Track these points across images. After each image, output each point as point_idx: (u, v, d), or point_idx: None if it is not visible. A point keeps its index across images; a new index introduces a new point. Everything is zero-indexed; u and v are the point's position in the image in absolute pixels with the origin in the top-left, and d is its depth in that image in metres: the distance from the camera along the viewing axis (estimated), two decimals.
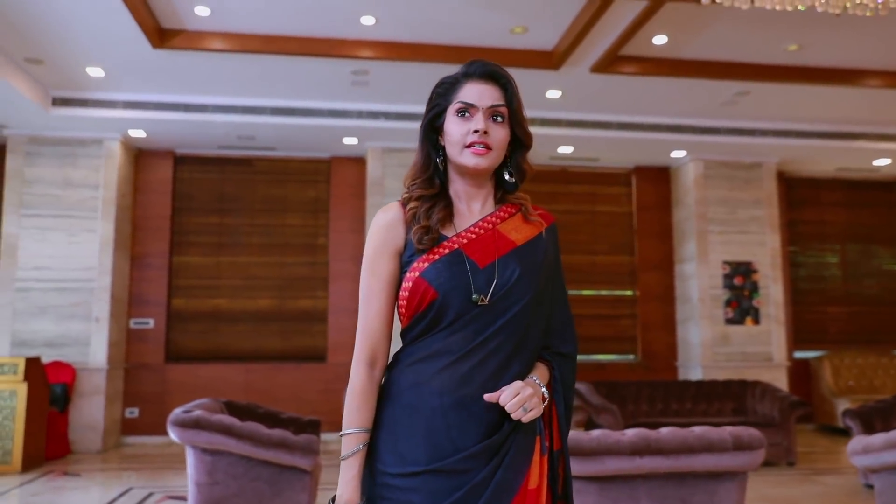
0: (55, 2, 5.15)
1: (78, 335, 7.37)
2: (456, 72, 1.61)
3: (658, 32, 5.84)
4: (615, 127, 7.76)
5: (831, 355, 8.95)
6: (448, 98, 1.58)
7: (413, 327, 1.54)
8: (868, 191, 9.59)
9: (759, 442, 3.13)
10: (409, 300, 1.52)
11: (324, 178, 8.54)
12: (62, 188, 7.51)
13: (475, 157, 1.53)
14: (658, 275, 8.98)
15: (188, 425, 3.93)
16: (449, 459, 1.45)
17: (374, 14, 5.56)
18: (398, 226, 1.57)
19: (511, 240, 1.56)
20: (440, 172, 1.61)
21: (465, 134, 1.53)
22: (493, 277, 1.50)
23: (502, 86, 1.58)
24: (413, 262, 1.53)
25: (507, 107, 1.57)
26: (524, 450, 1.50)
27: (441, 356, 1.49)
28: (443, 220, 1.56)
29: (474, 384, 1.47)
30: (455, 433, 1.46)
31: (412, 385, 1.50)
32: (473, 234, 1.55)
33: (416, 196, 1.58)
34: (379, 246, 1.56)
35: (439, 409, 1.47)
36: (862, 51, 6.27)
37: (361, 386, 1.53)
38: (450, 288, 1.48)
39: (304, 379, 8.16)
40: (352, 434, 1.52)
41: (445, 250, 1.52)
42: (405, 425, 1.49)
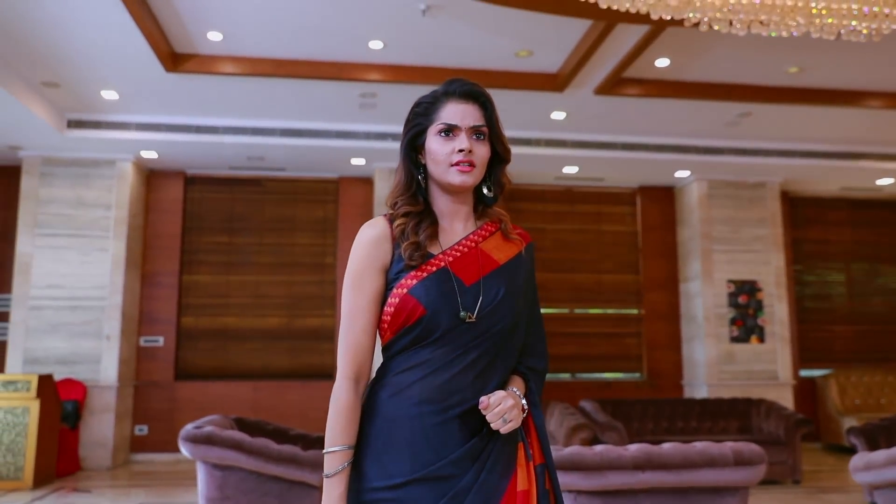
0: (73, 27, 5.31)
1: (89, 353, 7.47)
2: (435, 91, 1.64)
3: (660, 55, 5.95)
4: (619, 147, 7.86)
5: (837, 374, 8.96)
6: (429, 118, 1.60)
7: (396, 342, 1.56)
8: (872, 210, 9.65)
9: (760, 457, 3.18)
10: (394, 315, 1.54)
11: (332, 198, 8.66)
12: (75, 208, 7.65)
13: (461, 175, 1.56)
14: (663, 293, 9.04)
15: (200, 441, 4.01)
16: (432, 467, 1.47)
17: (383, 39, 5.69)
18: (385, 241, 1.58)
19: (494, 259, 1.60)
20: (422, 190, 1.64)
21: (449, 153, 1.56)
22: (479, 296, 1.54)
23: (482, 104, 1.61)
24: (400, 278, 1.54)
25: (486, 125, 1.60)
26: (507, 455, 1.52)
27: (421, 367, 1.52)
28: (430, 237, 1.58)
29: (454, 392, 1.50)
30: (436, 441, 1.48)
31: (391, 396, 1.52)
32: (458, 253, 1.59)
33: (403, 212, 1.60)
34: (365, 261, 1.57)
35: (418, 417, 1.49)
36: (862, 72, 6.36)
37: (346, 403, 1.53)
38: (439, 305, 1.51)
39: (312, 396, 8.22)
40: (337, 452, 1.52)
41: (433, 268, 1.55)
42: (386, 438, 1.51)
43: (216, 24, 5.49)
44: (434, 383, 1.50)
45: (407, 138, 1.64)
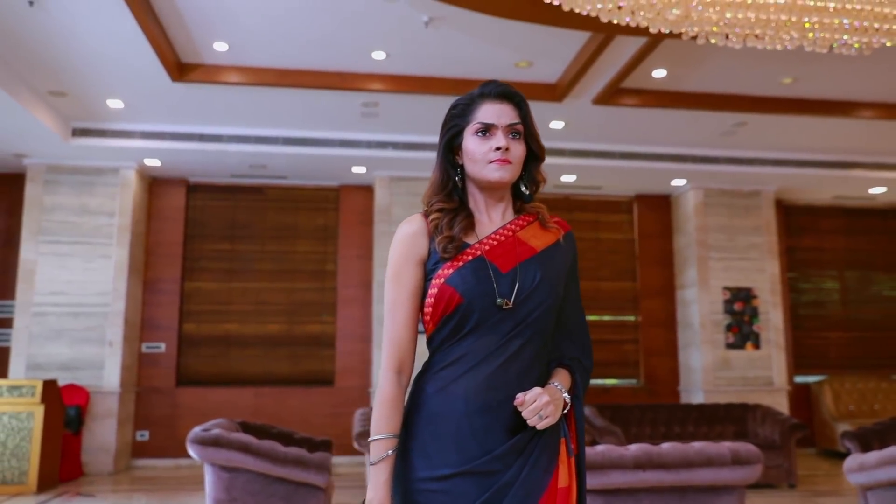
0: (81, 37, 5.40)
1: (92, 359, 7.53)
2: (470, 93, 1.69)
3: (657, 66, 6.08)
4: (617, 156, 7.97)
5: (832, 380, 9.07)
6: (465, 119, 1.65)
7: (438, 332, 1.59)
8: (865, 218, 9.78)
9: (757, 457, 3.28)
10: (434, 306, 1.58)
11: (333, 206, 8.76)
12: (79, 215, 7.73)
13: (499, 171, 1.61)
14: (660, 301, 9.14)
15: (208, 443, 4.08)
16: (477, 462, 1.50)
17: (385, 49, 5.80)
18: (422, 236, 1.63)
19: (531, 246, 1.63)
20: (458, 189, 1.68)
21: (487, 151, 1.61)
22: (516, 282, 1.57)
23: (517, 104, 1.66)
24: (438, 269, 1.59)
25: (522, 124, 1.65)
26: (550, 450, 1.55)
27: (465, 360, 1.55)
28: (465, 229, 1.62)
29: (498, 388, 1.53)
30: (481, 435, 1.52)
31: (437, 391, 1.56)
32: (495, 241, 1.62)
33: (437, 208, 1.65)
34: (403, 256, 1.62)
35: (465, 413, 1.53)
36: (854, 83, 6.49)
37: (390, 393, 1.59)
38: (476, 293, 1.54)
39: (313, 402, 8.29)
40: (381, 440, 1.56)
41: (469, 257, 1.59)
42: (433, 431, 1.54)
43: (222, 34, 5.59)
44: (478, 378, 1.53)
45: (445, 140, 1.68)
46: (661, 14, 3.42)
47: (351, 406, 8.02)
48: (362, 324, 8.50)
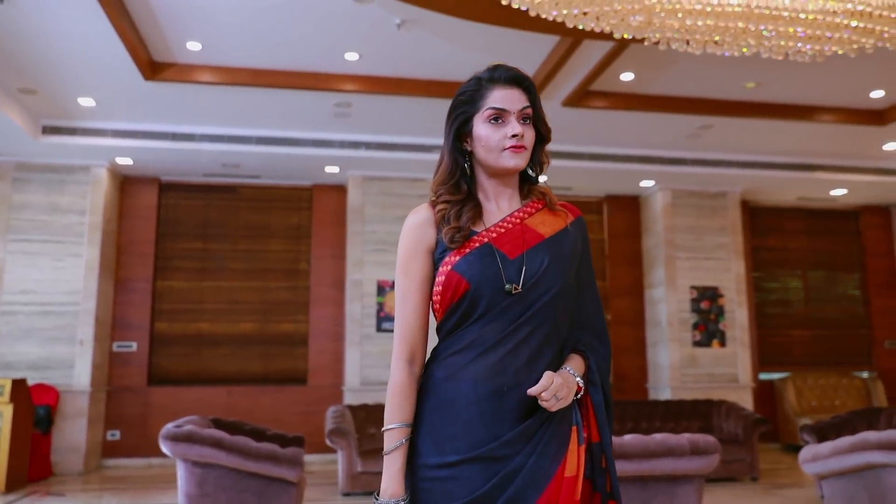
0: (52, 35, 5.40)
1: (62, 358, 7.49)
2: (477, 77, 1.66)
3: (625, 70, 6.22)
4: (587, 158, 8.12)
5: (795, 376, 9.31)
6: (475, 105, 1.64)
7: (447, 320, 1.59)
8: (828, 219, 10.05)
9: (714, 447, 3.41)
10: (442, 294, 1.58)
11: (306, 206, 8.79)
12: (49, 214, 7.68)
13: (515, 158, 1.61)
14: (629, 299, 9.31)
15: (180, 439, 4.12)
16: (485, 447, 1.50)
17: (358, 50, 5.87)
18: (429, 226, 1.63)
19: (539, 233, 1.62)
20: (466, 177, 1.67)
21: (501, 138, 1.60)
22: (523, 267, 1.56)
23: (526, 88, 1.66)
24: (445, 257, 1.59)
25: (531, 107, 1.66)
26: (560, 438, 1.53)
27: (474, 347, 1.55)
28: (472, 218, 1.62)
29: (508, 373, 1.53)
30: (490, 421, 1.51)
31: (447, 378, 1.56)
32: (502, 229, 1.62)
33: (444, 199, 1.64)
34: (411, 246, 1.63)
35: (474, 399, 1.52)
36: (815, 89, 6.70)
37: (402, 382, 1.59)
38: (482, 279, 1.54)
39: (286, 401, 8.32)
40: (394, 429, 1.57)
41: (476, 244, 1.59)
42: (442, 417, 1.54)
43: (195, 34, 5.62)
44: (488, 363, 1.53)
45: (454, 127, 1.66)
46: (625, 20, 3.54)
47: (324, 404, 8.06)
48: (335, 322, 8.54)
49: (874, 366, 9.81)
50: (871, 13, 3.50)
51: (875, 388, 9.43)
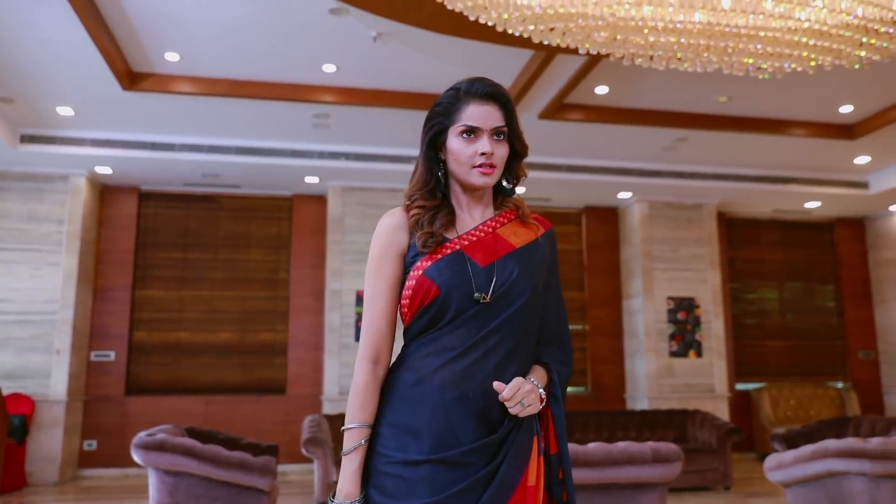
0: (30, 45, 5.42)
1: (38, 367, 7.47)
2: (455, 88, 1.66)
3: (599, 83, 6.32)
4: (564, 169, 8.21)
5: (770, 387, 9.42)
6: (450, 118, 1.64)
7: (415, 323, 1.60)
8: (803, 231, 10.19)
9: (677, 455, 3.47)
10: (412, 298, 1.59)
11: (286, 216, 8.83)
12: (27, 222, 7.67)
13: (483, 177, 1.62)
14: (607, 310, 9.39)
15: (152, 447, 4.13)
16: (452, 451, 1.50)
17: (336, 62, 5.93)
18: (402, 229, 1.64)
19: (510, 243, 1.64)
20: (441, 185, 1.68)
21: (471, 155, 1.61)
22: (493, 276, 1.58)
23: (502, 104, 1.65)
24: (416, 261, 1.60)
25: (507, 125, 1.65)
26: (523, 448, 1.55)
27: (443, 352, 1.56)
28: (445, 225, 1.63)
29: (475, 380, 1.54)
30: (457, 427, 1.52)
31: (415, 381, 1.56)
32: (474, 237, 1.64)
33: (419, 205, 1.65)
34: (383, 248, 1.64)
35: (440, 403, 1.53)
36: (786, 103, 6.83)
37: (365, 382, 1.59)
38: (452, 285, 1.56)
39: (264, 411, 8.32)
40: (354, 429, 1.57)
41: (448, 251, 1.60)
42: (408, 420, 1.54)
43: (174, 45, 5.66)
44: (456, 369, 1.54)
45: (429, 137, 1.67)
46: (590, 36, 3.63)
47: (302, 414, 8.07)
48: (314, 332, 8.57)
49: (848, 376, 9.94)
50: (827, 32, 3.60)
51: (849, 398, 9.56)
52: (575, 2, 3.50)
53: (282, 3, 4.98)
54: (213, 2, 4.99)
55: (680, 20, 3.57)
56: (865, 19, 3.67)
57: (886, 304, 9.87)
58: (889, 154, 7.95)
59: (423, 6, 4.24)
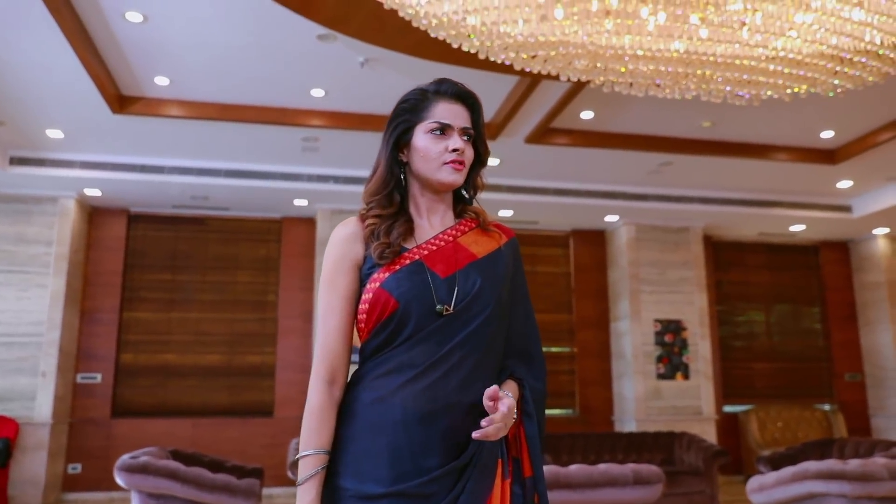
0: (20, 68, 5.47)
1: (23, 389, 7.42)
2: (422, 88, 1.63)
3: (584, 108, 6.41)
4: (551, 193, 8.29)
5: (758, 409, 9.45)
6: (417, 115, 1.60)
7: (372, 340, 1.51)
8: (789, 254, 10.29)
9: (658, 477, 3.49)
10: (368, 312, 1.51)
11: (275, 238, 8.86)
12: (15, 244, 7.67)
13: (453, 174, 1.57)
14: (595, 332, 9.43)
15: (135, 470, 4.13)
16: (412, 482, 1.41)
17: (324, 87, 6.01)
18: (357, 240, 1.57)
19: (472, 252, 1.57)
20: (401, 187, 1.62)
21: (441, 152, 1.56)
22: (455, 288, 1.50)
23: (470, 106, 1.63)
24: (373, 273, 1.52)
25: (473, 128, 1.62)
26: (487, 473, 1.46)
27: (403, 370, 1.46)
28: (403, 234, 1.56)
29: (438, 398, 1.44)
30: (418, 451, 1.43)
31: (374, 401, 1.47)
32: (434, 246, 1.56)
33: (374, 214, 1.58)
34: (338, 259, 1.56)
35: (402, 424, 1.44)
36: (768, 128, 6.93)
37: (320, 405, 1.50)
38: (411, 297, 1.47)
39: (251, 433, 8.28)
40: (310, 456, 1.47)
41: (406, 261, 1.52)
42: (367, 444, 1.45)
43: (163, 69, 5.72)
44: (417, 388, 1.45)
45: (393, 135, 1.62)
46: (571, 64, 3.71)
47: (289, 436, 8.03)
48: (303, 354, 8.56)
49: (835, 398, 9.99)
50: (802, 60, 3.69)
51: (836, 421, 9.59)
52: (556, 30, 3.58)
53: (270, 30, 5.06)
54: (202, 28, 5.06)
55: (659, 49, 3.66)
56: (839, 49, 3.77)
57: (871, 327, 9.95)
58: (870, 178, 8.07)
59: (408, 34, 4.32)
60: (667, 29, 3.61)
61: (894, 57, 3.73)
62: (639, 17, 3.55)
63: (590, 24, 3.49)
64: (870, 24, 3.60)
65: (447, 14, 3.52)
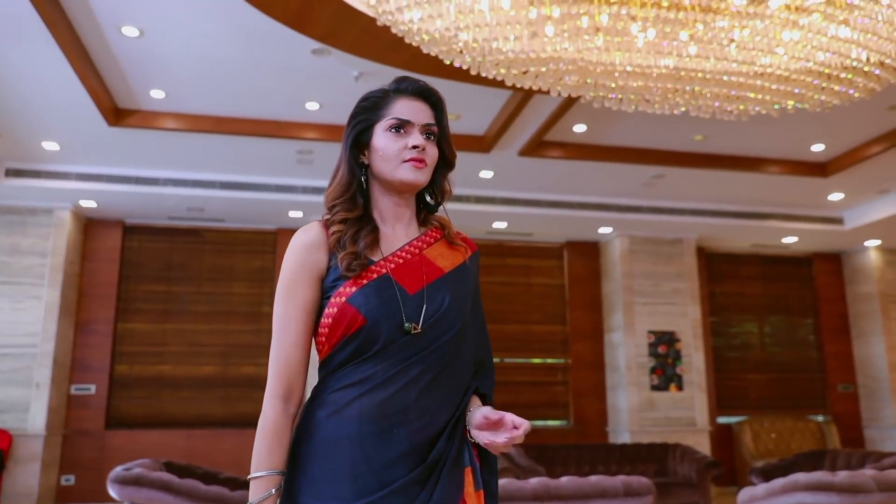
0: (17, 81, 5.51)
1: (17, 401, 7.42)
2: (382, 87, 1.58)
3: (577, 122, 6.46)
4: (545, 205, 8.33)
5: (752, 420, 9.47)
6: (377, 113, 1.53)
7: (335, 356, 1.44)
8: (782, 265, 10.34)
9: (648, 489, 3.52)
10: (332, 327, 1.43)
11: (270, 249, 8.89)
12: (10, 255, 7.68)
13: (414, 172, 1.49)
14: (589, 343, 9.46)
15: (128, 482, 4.13)
16: (375, 496, 1.35)
17: (318, 100, 6.06)
18: (320, 248, 1.48)
19: (438, 266, 1.51)
20: (363, 190, 1.55)
21: (401, 149, 1.49)
22: (423, 305, 1.44)
23: (433, 104, 1.56)
24: (338, 286, 1.44)
25: (437, 125, 1.55)
26: (454, 482, 1.40)
27: (361, 383, 1.41)
28: (370, 244, 1.48)
29: (396, 413, 1.39)
30: (378, 466, 1.37)
31: (329, 415, 1.41)
32: (401, 259, 1.49)
33: (340, 219, 1.51)
34: (298, 269, 1.47)
35: (357, 437, 1.38)
36: (760, 142, 7.00)
37: (275, 423, 1.42)
38: (379, 314, 1.41)
39: (246, 444, 8.24)
40: (261, 477, 1.40)
41: (373, 275, 1.45)
42: (324, 461, 1.39)
43: (159, 82, 5.77)
44: (375, 400, 1.39)
45: (352, 134, 1.55)
46: (562, 80, 3.77)
47: None
48: None
49: (828, 409, 10.02)
50: (789, 77, 3.75)
51: (829, 432, 9.62)
52: (547, 47, 3.63)
53: (265, 44, 5.11)
54: (197, 42, 5.10)
55: (648, 65, 3.71)
56: (826, 65, 3.83)
57: (865, 338, 10.00)
58: (861, 191, 8.14)
59: (401, 49, 4.38)
60: (656, 45, 3.66)
61: (880, 73, 3.79)
62: (628, 33, 3.61)
63: (580, 40, 3.54)
64: (856, 42, 3.67)
65: (439, 30, 3.57)
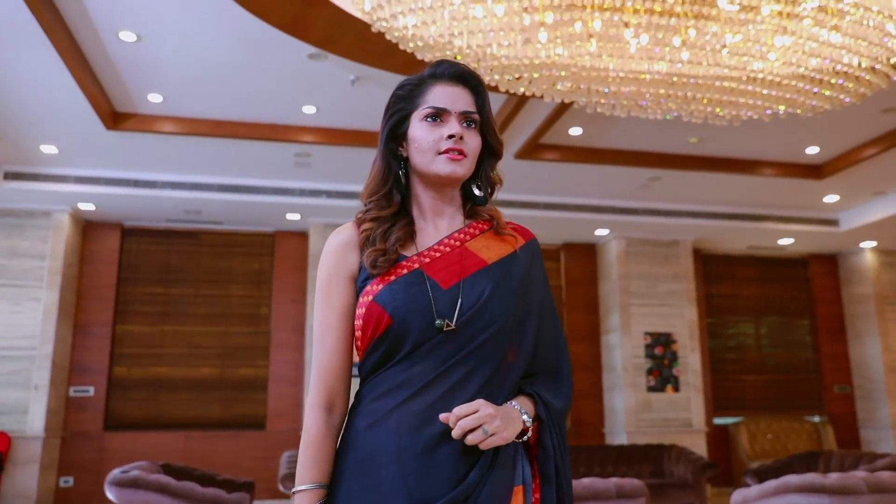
0: (15, 85, 5.54)
1: (16, 403, 7.45)
2: (420, 73, 1.47)
3: (573, 125, 6.50)
4: (542, 207, 8.37)
5: (748, 421, 9.51)
6: (413, 102, 1.43)
7: (369, 359, 1.35)
8: (778, 267, 10.38)
9: (640, 491, 3.55)
10: (363, 329, 1.34)
11: (268, 252, 8.92)
12: (8, 258, 7.71)
13: (451, 164, 1.38)
14: (586, 345, 9.49)
15: (126, 485, 4.17)
16: None
17: (315, 104, 6.09)
18: (352, 248, 1.41)
19: (481, 258, 1.38)
20: (401, 185, 1.45)
21: (437, 140, 1.38)
22: (458, 299, 1.32)
23: (473, 88, 1.44)
24: (367, 285, 1.36)
25: (479, 112, 1.43)
26: (500, 500, 1.28)
27: (398, 391, 1.30)
28: (402, 239, 1.39)
29: (438, 421, 1.26)
30: (415, 485, 1.25)
31: (367, 427, 1.31)
32: (437, 253, 1.38)
33: (371, 217, 1.42)
34: (332, 272, 1.40)
35: (396, 453, 1.27)
36: (755, 144, 7.03)
37: (317, 434, 1.35)
38: (407, 312, 1.31)
39: (244, 446, 8.31)
40: (306, 491, 1.32)
41: (403, 270, 1.35)
42: (365, 479, 1.29)
43: (157, 86, 5.80)
44: (414, 410, 1.28)
45: (388, 126, 1.46)
46: (555, 85, 3.81)
47: (282, 449, 8.06)
48: (295, 367, 8.60)
49: (824, 410, 10.06)
50: (780, 82, 3.79)
51: (825, 432, 9.66)
52: (540, 52, 3.67)
53: (262, 49, 5.14)
54: (195, 46, 5.14)
55: (641, 70, 3.75)
56: (817, 70, 3.86)
57: (860, 339, 10.04)
58: (856, 193, 8.17)
59: (396, 54, 4.41)
60: (649, 51, 3.70)
61: (870, 78, 3.83)
62: (621, 39, 3.64)
63: (573, 46, 3.58)
64: (846, 47, 3.70)
65: (434, 36, 3.60)
